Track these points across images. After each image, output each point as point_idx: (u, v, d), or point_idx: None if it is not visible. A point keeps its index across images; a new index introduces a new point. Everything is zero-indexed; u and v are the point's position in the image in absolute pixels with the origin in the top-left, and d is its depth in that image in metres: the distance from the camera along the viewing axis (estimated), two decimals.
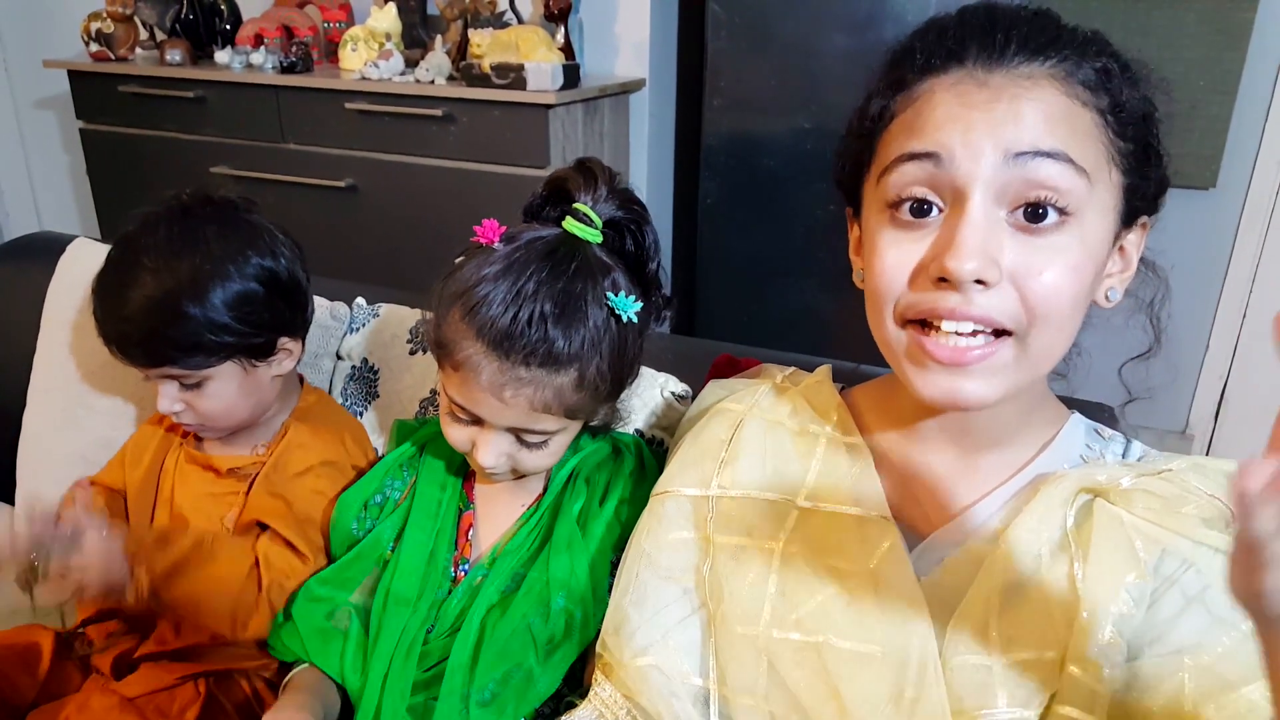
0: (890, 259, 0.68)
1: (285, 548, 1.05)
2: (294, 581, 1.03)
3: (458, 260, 0.90)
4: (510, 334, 0.82)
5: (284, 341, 1.10)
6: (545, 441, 0.92)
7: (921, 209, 0.67)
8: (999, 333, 0.66)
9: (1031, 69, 0.65)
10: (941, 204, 0.66)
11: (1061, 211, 0.63)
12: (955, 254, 0.63)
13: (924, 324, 0.67)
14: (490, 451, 0.90)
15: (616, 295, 0.87)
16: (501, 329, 0.83)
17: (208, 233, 1.04)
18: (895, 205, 0.68)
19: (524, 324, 0.82)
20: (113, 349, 1.05)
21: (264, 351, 1.08)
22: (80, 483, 1.18)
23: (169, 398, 1.05)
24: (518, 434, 0.90)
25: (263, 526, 1.07)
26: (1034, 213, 0.64)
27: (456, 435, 0.93)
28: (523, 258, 0.85)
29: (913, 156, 0.66)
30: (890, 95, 0.70)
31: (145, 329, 1.01)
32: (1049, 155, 0.62)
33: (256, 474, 1.11)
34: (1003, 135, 0.63)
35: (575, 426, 0.95)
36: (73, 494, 1.15)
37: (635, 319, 0.88)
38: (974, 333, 0.65)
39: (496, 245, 0.88)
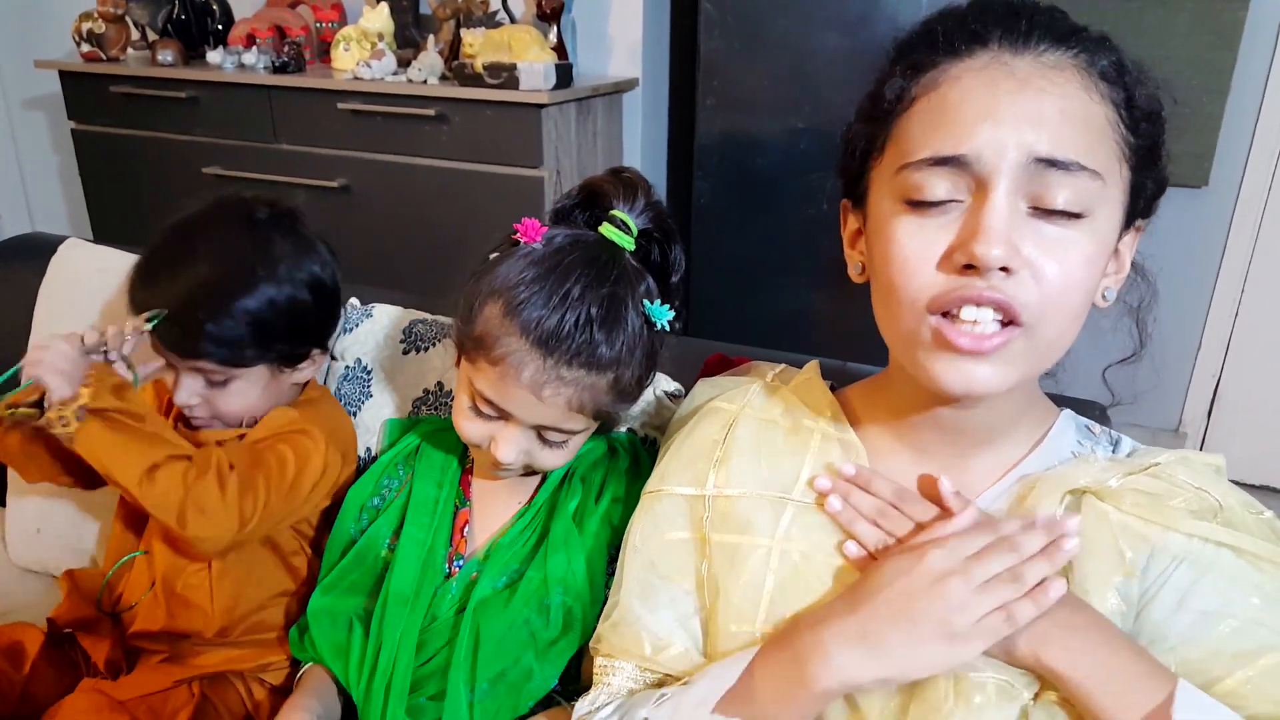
0: (912, 249, 0.67)
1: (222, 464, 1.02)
2: (219, 485, 0.98)
3: (492, 257, 0.91)
4: (558, 334, 0.83)
5: (315, 351, 1.11)
6: (566, 441, 0.93)
7: (942, 198, 0.67)
8: (1008, 324, 0.66)
9: (1057, 57, 0.65)
10: (963, 195, 0.66)
11: (1077, 214, 0.64)
12: (983, 240, 0.63)
13: (943, 313, 0.67)
14: (511, 448, 0.91)
15: (651, 303, 0.89)
16: (549, 329, 0.83)
17: (274, 239, 1.04)
18: (913, 199, 0.67)
19: (571, 326, 0.84)
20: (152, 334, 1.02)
21: (297, 359, 1.09)
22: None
23: (189, 390, 1.04)
24: (541, 432, 0.91)
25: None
26: (1051, 210, 0.64)
27: (475, 430, 0.93)
28: (567, 260, 0.86)
29: (938, 161, 0.66)
30: (910, 78, 0.69)
31: (191, 321, 0.99)
32: (1065, 166, 0.63)
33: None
34: (1025, 136, 0.63)
35: (594, 427, 0.95)
36: None
37: (668, 327, 0.90)
38: (991, 319, 0.66)
39: (537, 245, 0.88)
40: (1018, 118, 0.64)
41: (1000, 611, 0.66)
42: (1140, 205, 0.71)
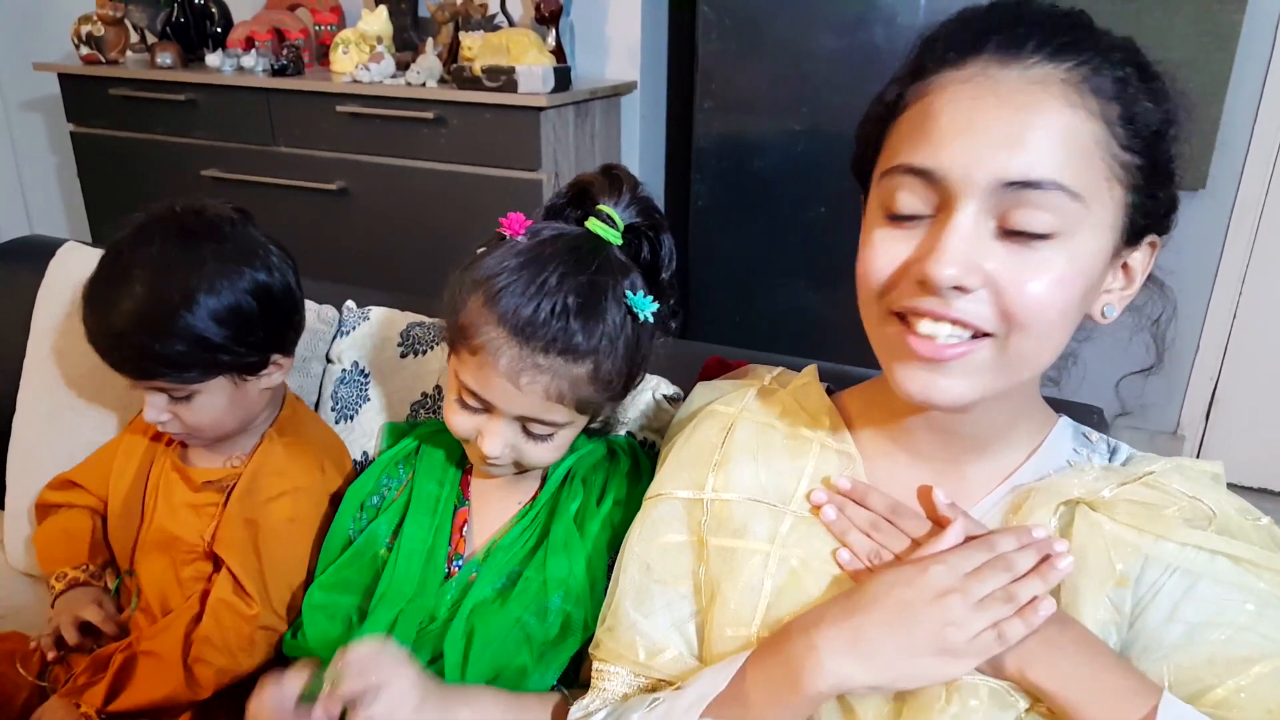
0: (879, 256, 0.68)
1: (235, 595, 1.04)
2: (240, 635, 1.03)
3: (479, 251, 0.92)
4: (533, 322, 0.84)
5: (275, 357, 1.09)
6: (551, 435, 0.93)
7: (913, 212, 0.67)
8: (979, 334, 0.66)
9: (1045, 71, 0.63)
10: (932, 210, 0.66)
11: (1049, 235, 0.63)
12: (936, 260, 0.63)
13: (905, 318, 0.68)
14: (496, 441, 0.91)
15: (635, 295, 0.89)
16: (524, 316, 0.84)
17: (204, 250, 1.02)
18: (889, 208, 0.68)
19: (547, 313, 0.84)
20: (102, 357, 1.03)
21: (255, 368, 1.07)
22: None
23: (156, 408, 1.04)
24: (525, 424, 0.91)
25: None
26: (1021, 231, 0.63)
27: (462, 423, 0.93)
28: (548, 251, 0.87)
29: (910, 170, 0.66)
30: (907, 82, 0.69)
31: (136, 344, 0.99)
32: (1039, 186, 0.62)
33: (233, 486, 1.10)
34: (997, 159, 0.62)
35: (581, 422, 0.96)
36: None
37: (651, 319, 0.90)
38: (949, 334, 0.66)
39: (521, 237, 0.89)
40: (993, 138, 0.62)
41: (992, 630, 0.67)
42: (1150, 222, 0.69)
